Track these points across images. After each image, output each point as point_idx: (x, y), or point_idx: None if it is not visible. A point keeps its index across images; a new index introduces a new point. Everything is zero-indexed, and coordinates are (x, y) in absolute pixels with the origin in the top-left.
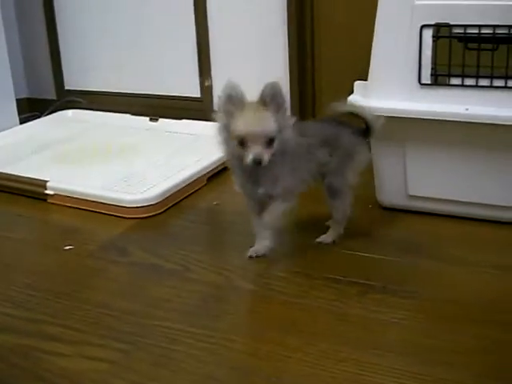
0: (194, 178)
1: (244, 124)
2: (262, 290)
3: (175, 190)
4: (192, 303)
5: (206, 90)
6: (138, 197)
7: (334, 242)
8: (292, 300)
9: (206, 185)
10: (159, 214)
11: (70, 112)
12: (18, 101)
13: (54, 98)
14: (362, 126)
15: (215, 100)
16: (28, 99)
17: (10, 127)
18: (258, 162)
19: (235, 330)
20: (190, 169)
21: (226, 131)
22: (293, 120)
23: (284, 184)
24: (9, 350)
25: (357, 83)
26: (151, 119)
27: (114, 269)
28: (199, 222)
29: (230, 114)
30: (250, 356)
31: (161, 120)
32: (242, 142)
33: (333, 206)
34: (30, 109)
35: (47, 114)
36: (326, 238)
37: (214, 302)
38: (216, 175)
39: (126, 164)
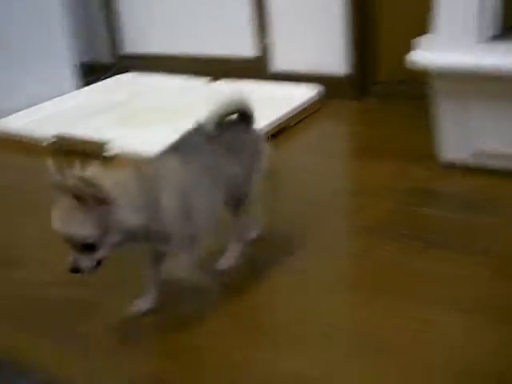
0: None
1: (54, 222)
2: (328, 246)
3: None
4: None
5: (264, 49)
6: None
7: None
8: (357, 255)
9: None
10: None
11: (128, 75)
12: (78, 65)
13: (113, 61)
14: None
15: (273, 60)
16: (87, 64)
17: (70, 91)
18: (75, 271)
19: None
20: None
21: None
22: (133, 216)
23: (178, 240)
24: None
25: (420, 38)
26: (210, 80)
27: None
28: None
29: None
30: (314, 307)
31: (219, 81)
32: None
33: (236, 220)
34: (89, 73)
35: (106, 78)
36: (228, 262)
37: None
38: (273, 136)
39: (185, 124)
